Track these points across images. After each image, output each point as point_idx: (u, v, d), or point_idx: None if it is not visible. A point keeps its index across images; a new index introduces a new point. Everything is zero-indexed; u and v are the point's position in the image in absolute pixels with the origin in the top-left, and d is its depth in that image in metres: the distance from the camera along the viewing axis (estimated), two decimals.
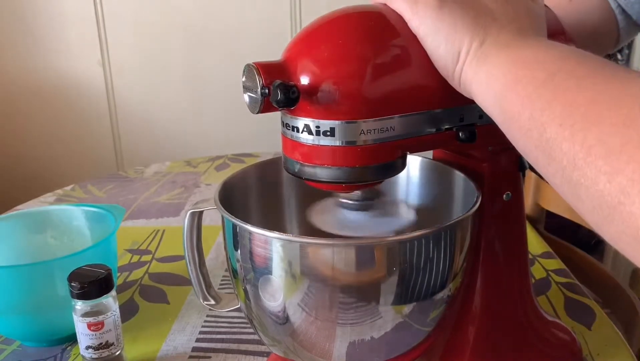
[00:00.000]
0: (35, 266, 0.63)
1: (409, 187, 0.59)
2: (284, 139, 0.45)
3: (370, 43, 0.41)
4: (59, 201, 1.11)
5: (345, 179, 0.43)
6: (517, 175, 0.53)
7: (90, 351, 0.57)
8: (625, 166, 0.26)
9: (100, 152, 1.97)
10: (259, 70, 0.40)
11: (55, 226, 0.75)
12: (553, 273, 0.80)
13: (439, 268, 0.44)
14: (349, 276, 0.43)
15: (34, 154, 1.97)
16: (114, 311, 0.58)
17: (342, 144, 0.41)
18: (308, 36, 0.42)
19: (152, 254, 0.88)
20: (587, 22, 0.58)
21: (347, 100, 0.40)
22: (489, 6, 0.40)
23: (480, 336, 0.54)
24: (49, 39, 1.86)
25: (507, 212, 0.52)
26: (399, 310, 0.44)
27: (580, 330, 0.67)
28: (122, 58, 1.87)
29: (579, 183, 0.29)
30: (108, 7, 1.82)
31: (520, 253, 0.55)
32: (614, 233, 0.28)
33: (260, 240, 0.44)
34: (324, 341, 0.45)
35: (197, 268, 0.55)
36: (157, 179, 1.23)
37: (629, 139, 0.26)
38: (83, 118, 1.94)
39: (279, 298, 0.45)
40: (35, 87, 1.90)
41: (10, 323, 0.65)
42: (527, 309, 0.57)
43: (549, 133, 0.31)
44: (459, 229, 0.45)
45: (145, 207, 1.07)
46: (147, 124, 1.95)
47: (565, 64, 0.33)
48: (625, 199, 0.26)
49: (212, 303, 0.56)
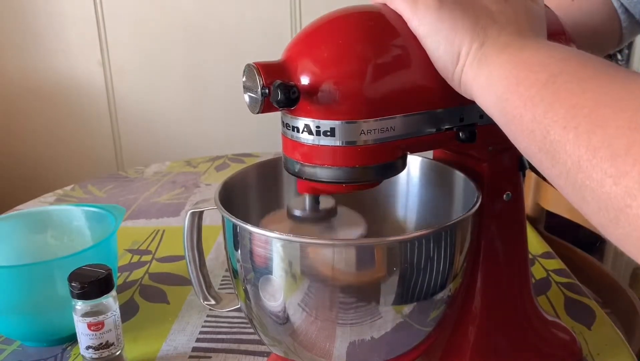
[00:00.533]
0: (35, 266, 0.63)
1: (409, 187, 0.59)
2: (284, 139, 0.45)
3: (370, 43, 0.41)
4: (59, 201, 1.11)
5: (346, 179, 0.43)
6: (517, 175, 0.53)
7: (90, 351, 0.57)
8: (631, 168, 0.26)
9: (100, 152, 1.97)
10: (259, 70, 0.40)
11: (55, 226, 0.75)
12: (553, 273, 0.80)
13: (439, 268, 0.44)
14: (349, 276, 0.43)
15: (34, 154, 1.97)
16: (114, 311, 0.58)
17: (342, 144, 0.41)
18: (308, 36, 0.42)
19: (152, 254, 0.88)
20: (590, 22, 0.58)
21: (347, 100, 0.40)
22: (489, 7, 0.40)
23: (480, 336, 0.54)
24: (49, 39, 1.86)
25: (507, 212, 0.52)
26: (399, 310, 0.44)
27: (580, 329, 0.67)
28: (122, 58, 1.87)
29: (584, 185, 0.29)
30: (108, 7, 1.82)
31: (520, 253, 0.55)
32: (620, 235, 0.28)
33: (261, 240, 0.44)
34: (324, 341, 0.45)
35: (197, 268, 0.55)
36: (157, 179, 1.23)
37: (634, 142, 0.26)
38: (83, 118, 1.94)
39: (279, 298, 0.45)
40: (35, 87, 1.90)
41: (10, 323, 0.65)
42: (527, 309, 0.57)
43: (552, 135, 0.31)
44: (459, 229, 0.45)
45: (145, 207, 1.07)
46: (147, 124, 1.94)
47: (566, 66, 0.33)
48: (632, 202, 0.26)
49: (212, 303, 0.56)
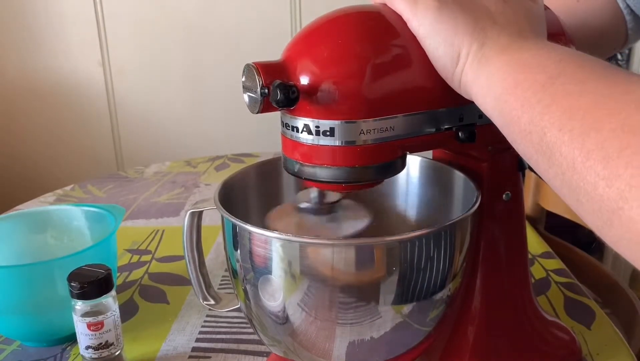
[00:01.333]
0: (35, 266, 0.63)
1: (409, 187, 0.59)
2: (284, 139, 0.45)
3: (370, 43, 0.41)
4: (59, 201, 1.11)
5: (345, 179, 0.43)
6: (516, 175, 0.53)
7: (90, 351, 0.57)
8: (623, 171, 0.26)
9: (100, 152, 1.97)
10: (259, 70, 0.40)
11: (55, 226, 0.75)
12: (553, 272, 0.80)
13: (439, 268, 0.44)
14: (349, 276, 0.43)
15: (34, 154, 1.97)
16: (114, 311, 0.58)
17: (341, 144, 0.41)
18: (308, 36, 0.42)
19: (152, 254, 0.88)
20: (595, 22, 0.58)
21: (346, 100, 0.40)
22: (489, 8, 0.40)
23: (480, 336, 0.54)
24: (49, 39, 1.86)
25: (507, 212, 0.52)
26: (399, 309, 0.44)
27: (580, 329, 0.67)
28: (122, 58, 1.87)
29: (579, 187, 0.29)
30: (108, 7, 1.82)
31: (520, 253, 0.55)
32: (613, 237, 0.28)
33: (260, 240, 0.44)
34: (324, 341, 0.45)
35: (197, 268, 0.55)
36: (157, 179, 1.23)
37: (627, 145, 0.26)
38: (83, 118, 1.94)
39: (278, 298, 0.45)
40: (35, 87, 1.90)
41: (10, 323, 0.65)
42: (526, 309, 0.57)
43: (548, 137, 0.31)
44: (459, 229, 0.45)
45: (145, 207, 1.07)
46: (147, 124, 1.94)
47: (565, 68, 0.33)
48: (624, 204, 0.26)
49: (212, 303, 0.56)
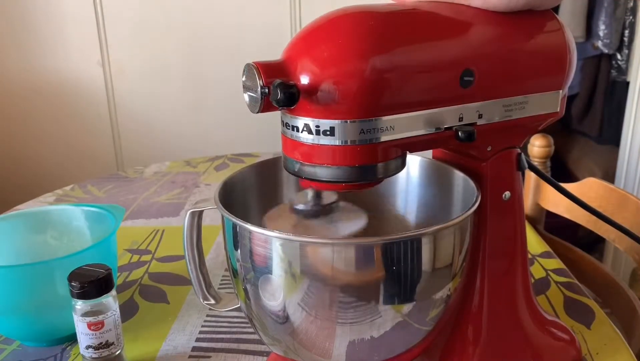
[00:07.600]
0: (35, 266, 0.63)
1: (409, 187, 0.59)
2: (284, 138, 0.45)
3: (370, 43, 0.41)
4: (59, 201, 1.11)
5: (345, 178, 0.43)
6: (516, 175, 0.53)
7: (90, 350, 0.57)
8: None
9: (100, 152, 1.97)
10: (259, 69, 0.40)
11: (55, 226, 0.75)
12: (552, 272, 0.80)
13: (439, 267, 0.44)
14: (349, 275, 0.43)
15: (34, 154, 1.97)
16: (114, 311, 0.58)
17: (341, 143, 0.42)
18: (308, 36, 0.42)
19: (152, 254, 0.88)
20: None
21: (346, 99, 0.40)
22: None
23: (480, 336, 0.54)
24: (49, 39, 1.86)
25: (506, 212, 0.52)
26: (399, 309, 0.44)
27: (580, 329, 0.67)
28: (122, 58, 1.87)
29: None
30: (108, 7, 1.82)
31: (519, 252, 0.55)
32: None
33: (260, 239, 0.44)
34: (324, 341, 0.45)
35: (197, 267, 0.55)
36: (157, 179, 1.23)
37: None
38: (83, 118, 1.94)
39: (279, 298, 0.45)
40: (35, 87, 1.90)
41: (10, 323, 0.65)
42: (526, 308, 0.57)
43: None
44: (459, 229, 0.45)
45: (145, 207, 1.07)
46: (147, 124, 1.94)
47: None
48: None
49: (212, 302, 0.56)
